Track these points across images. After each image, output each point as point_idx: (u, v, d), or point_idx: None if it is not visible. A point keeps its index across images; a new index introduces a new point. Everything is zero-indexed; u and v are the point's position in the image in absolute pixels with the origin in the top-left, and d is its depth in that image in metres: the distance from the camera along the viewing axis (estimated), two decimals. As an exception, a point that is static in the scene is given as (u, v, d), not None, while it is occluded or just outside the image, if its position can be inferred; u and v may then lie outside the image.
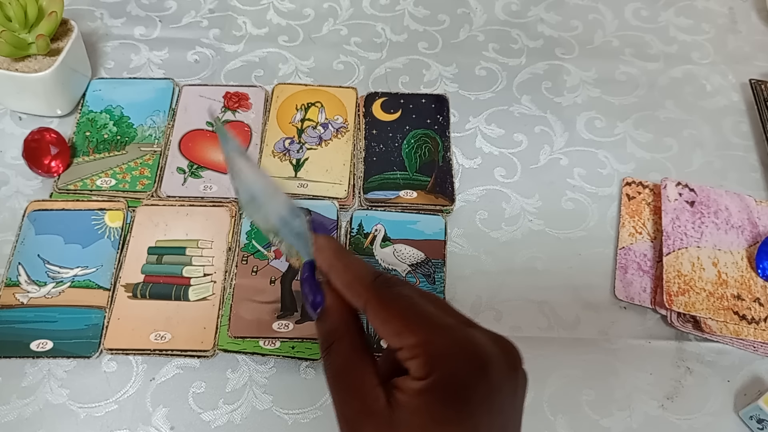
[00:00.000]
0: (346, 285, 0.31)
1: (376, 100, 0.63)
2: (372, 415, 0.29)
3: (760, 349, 0.51)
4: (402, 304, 0.30)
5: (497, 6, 0.73)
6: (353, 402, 0.29)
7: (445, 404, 0.28)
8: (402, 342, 0.29)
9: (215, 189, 0.56)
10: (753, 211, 0.57)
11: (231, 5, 0.71)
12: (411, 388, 0.28)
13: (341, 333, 0.31)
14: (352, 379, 0.30)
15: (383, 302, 0.30)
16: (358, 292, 0.30)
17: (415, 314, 0.29)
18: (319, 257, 0.32)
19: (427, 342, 0.28)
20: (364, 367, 0.30)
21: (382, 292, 0.30)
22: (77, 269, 0.52)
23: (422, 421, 0.28)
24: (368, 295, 0.30)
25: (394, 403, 0.29)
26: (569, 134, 0.63)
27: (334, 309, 0.31)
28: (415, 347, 0.28)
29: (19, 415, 0.47)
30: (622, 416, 0.49)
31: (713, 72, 0.69)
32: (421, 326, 0.29)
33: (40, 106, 0.60)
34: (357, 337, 0.31)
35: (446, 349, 0.28)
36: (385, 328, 0.29)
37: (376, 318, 0.29)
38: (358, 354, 0.30)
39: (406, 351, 0.29)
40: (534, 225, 0.57)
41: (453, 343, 0.29)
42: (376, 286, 0.30)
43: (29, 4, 0.56)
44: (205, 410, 0.47)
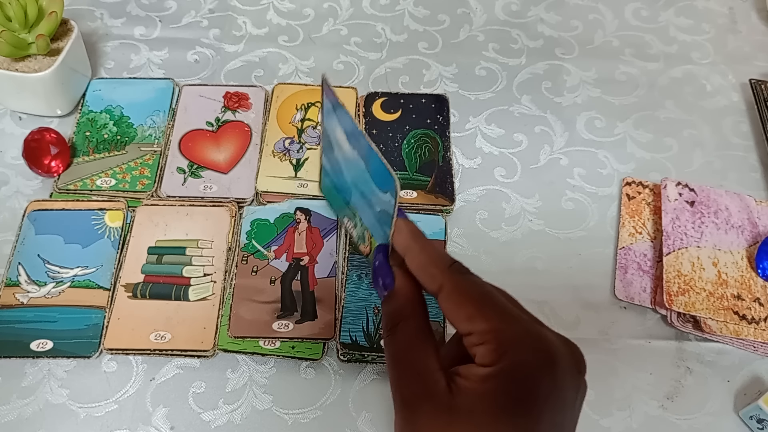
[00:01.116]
0: (421, 266, 0.31)
1: (376, 100, 0.63)
2: (431, 397, 0.28)
3: (760, 349, 0.51)
4: (476, 290, 0.30)
5: (497, 6, 0.73)
6: (413, 383, 0.29)
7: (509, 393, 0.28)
8: (473, 327, 0.29)
9: (215, 189, 0.56)
10: (753, 211, 0.57)
11: (231, 5, 0.71)
12: (476, 374, 0.28)
13: (407, 314, 0.31)
14: (414, 360, 0.30)
15: (458, 286, 0.30)
16: (433, 275, 0.30)
17: (488, 302, 0.29)
18: (397, 237, 0.32)
19: (498, 329, 0.28)
20: (427, 350, 0.30)
21: (457, 277, 0.30)
22: (77, 269, 0.52)
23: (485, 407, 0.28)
24: (443, 279, 0.30)
25: (455, 388, 0.28)
26: (569, 134, 0.63)
27: (403, 291, 0.32)
28: (486, 333, 0.28)
29: (19, 415, 0.47)
30: (622, 416, 0.49)
31: (713, 72, 0.69)
32: (493, 313, 0.29)
33: (40, 106, 0.60)
34: (422, 319, 0.31)
35: (517, 338, 0.28)
36: (457, 312, 0.29)
37: (449, 301, 0.30)
38: (421, 336, 0.30)
39: (475, 336, 0.29)
40: (534, 225, 0.57)
41: (524, 334, 0.29)
42: (452, 270, 0.30)
43: (29, 4, 0.56)
44: (205, 410, 0.47)
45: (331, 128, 0.35)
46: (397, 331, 0.31)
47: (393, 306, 0.32)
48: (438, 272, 0.30)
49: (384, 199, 0.32)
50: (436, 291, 0.30)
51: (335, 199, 0.38)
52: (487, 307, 0.29)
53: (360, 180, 0.34)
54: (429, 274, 0.31)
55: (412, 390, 0.29)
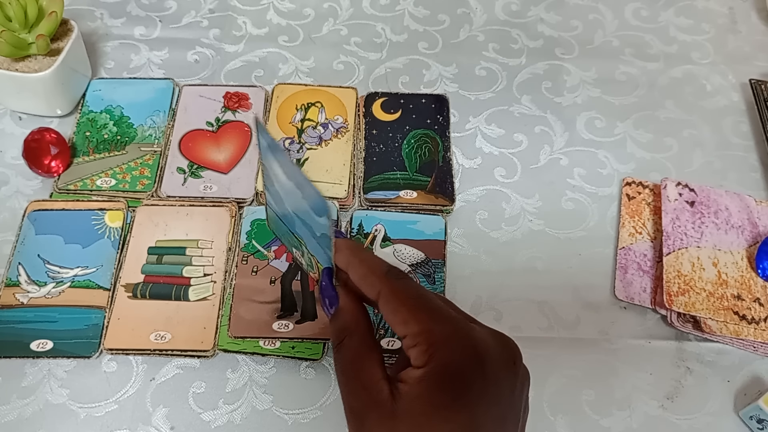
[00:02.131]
0: (361, 277, 0.33)
1: (376, 100, 0.63)
2: (376, 406, 0.30)
3: (760, 349, 0.51)
4: (410, 294, 0.32)
5: (497, 6, 0.73)
6: (359, 394, 0.31)
7: (443, 390, 0.29)
8: (407, 330, 0.30)
9: (215, 189, 0.56)
10: (753, 211, 0.57)
11: (231, 5, 0.71)
12: (412, 377, 0.30)
13: (351, 329, 0.33)
14: (359, 373, 0.31)
15: (394, 292, 0.32)
16: (372, 283, 0.32)
17: (421, 305, 0.31)
18: (338, 256, 0.34)
19: (428, 330, 0.30)
20: (371, 361, 0.32)
21: (393, 283, 0.32)
22: (77, 269, 0.52)
23: (421, 408, 0.29)
24: (381, 285, 0.32)
25: (397, 393, 0.30)
26: (569, 134, 0.63)
27: (346, 308, 0.33)
28: (417, 335, 0.30)
29: (19, 415, 0.47)
30: (622, 416, 0.49)
31: (713, 72, 0.69)
32: (425, 315, 0.31)
33: (40, 106, 0.60)
34: (366, 334, 0.33)
35: (445, 338, 0.30)
36: (393, 317, 0.31)
37: (387, 306, 0.31)
38: (366, 349, 0.32)
39: (409, 339, 0.30)
40: (534, 225, 0.57)
41: (452, 334, 0.30)
42: (389, 276, 0.32)
43: (29, 4, 0.56)
44: (205, 410, 0.47)
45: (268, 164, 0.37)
46: (343, 346, 0.32)
47: (338, 323, 0.33)
48: (376, 280, 0.32)
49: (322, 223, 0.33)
50: (375, 298, 0.32)
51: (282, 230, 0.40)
52: (419, 310, 0.31)
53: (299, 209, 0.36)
54: (369, 283, 0.32)
55: (358, 400, 0.31)
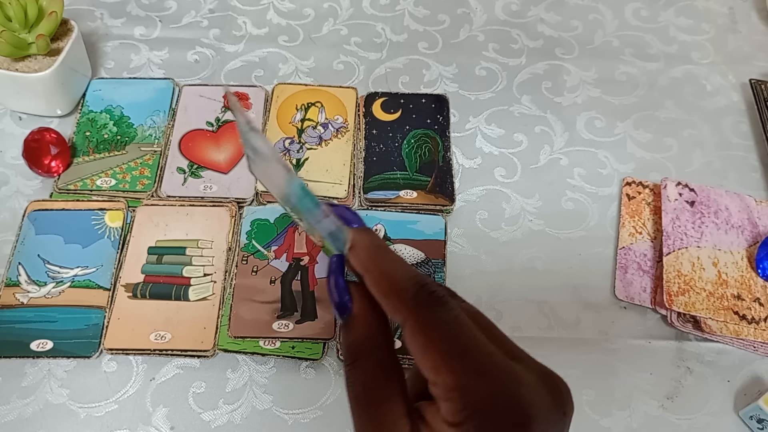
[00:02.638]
0: (382, 295, 0.26)
1: (376, 100, 0.63)
2: None
3: (760, 349, 0.51)
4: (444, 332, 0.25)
5: (497, 6, 0.73)
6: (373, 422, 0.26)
7: None
8: (438, 378, 0.25)
9: (215, 189, 0.56)
10: (753, 211, 0.57)
11: (231, 5, 0.71)
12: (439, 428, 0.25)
13: (368, 349, 0.27)
14: (376, 405, 0.26)
15: (423, 326, 0.25)
16: (396, 306, 0.26)
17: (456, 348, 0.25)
18: (352, 256, 0.27)
19: (465, 387, 0.24)
20: (390, 392, 0.26)
21: (424, 313, 0.25)
22: (77, 269, 0.52)
23: None
24: (407, 314, 0.25)
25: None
26: (569, 134, 0.63)
27: (361, 319, 0.27)
28: (451, 390, 0.24)
29: (19, 415, 0.47)
30: (622, 416, 0.49)
31: (713, 72, 0.69)
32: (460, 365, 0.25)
33: (40, 106, 0.60)
34: (385, 354, 0.27)
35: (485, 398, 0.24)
36: (421, 357, 0.25)
37: (413, 341, 0.25)
38: (384, 375, 0.27)
39: (440, 389, 0.25)
40: (534, 225, 0.57)
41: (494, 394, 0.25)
42: (418, 303, 0.26)
43: (29, 4, 0.56)
44: (205, 410, 0.47)
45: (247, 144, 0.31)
46: (357, 367, 0.27)
47: (351, 337, 0.27)
48: (401, 304, 0.26)
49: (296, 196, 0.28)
50: (400, 323, 0.26)
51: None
52: (454, 357, 0.25)
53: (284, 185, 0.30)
54: (391, 305, 0.26)
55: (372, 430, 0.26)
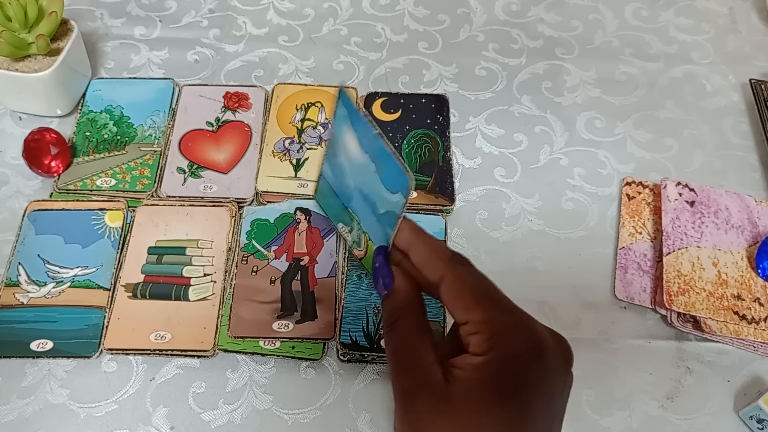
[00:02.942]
0: (425, 258, 0.33)
1: (376, 100, 0.63)
2: (429, 387, 0.30)
3: (760, 349, 0.51)
4: (474, 282, 0.32)
5: (497, 6, 0.73)
6: (411, 374, 0.31)
7: (501, 380, 0.29)
8: (469, 316, 0.30)
9: (215, 189, 0.56)
10: (753, 211, 0.57)
11: (231, 5, 0.71)
12: (469, 363, 0.30)
13: (407, 311, 0.33)
14: (412, 354, 0.31)
15: (458, 278, 0.31)
16: (436, 266, 0.32)
17: (485, 293, 0.31)
18: (400, 235, 0.34)
19: (492, 320, 0.30)
20: (425, 344, 0.31)
21: (458, 269, 0.32)
22: (77, 269, 0.52)
23: (478, 394, 0.29)
24: (445, 270, 0.32)
25: (451, 378, 0.30)
26: (569, 134, 0.63)
27: (402, 289, 0.33)
28: (481, 323, 0.30)
29: (19, 415, 0.47)
30: (622, 416, 0.49)
31: (713, 72, 0.69)
32: (489, 304, 0.31)
33: (40, 106, 0.60)
34: (420, 316, 0.33)
35: (509, 329, 0.30)
36: (456, 302, 0.31)
37: (450, 291, 0.31)
38: (420, 331, 0.32)
39: (471, 325, 0.30)
40: (534, 225, 0.57)
41: (516, 325, 0.30)
42: (453, 262, 0.32)
43: (29, 4, 0.56)
44: (205, 410, 0.47)
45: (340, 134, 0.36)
46: (396, 326, 0.32)
47: (392, 304, 0.33)
48: (440, 264, 0.32)
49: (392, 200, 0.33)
50: (437, 282, 0.32)
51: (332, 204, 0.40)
52: (483, 298, 0.31)
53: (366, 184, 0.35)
54: (432, 266, 0.32)
55: (410, 381, 0.31)
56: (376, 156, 0.34)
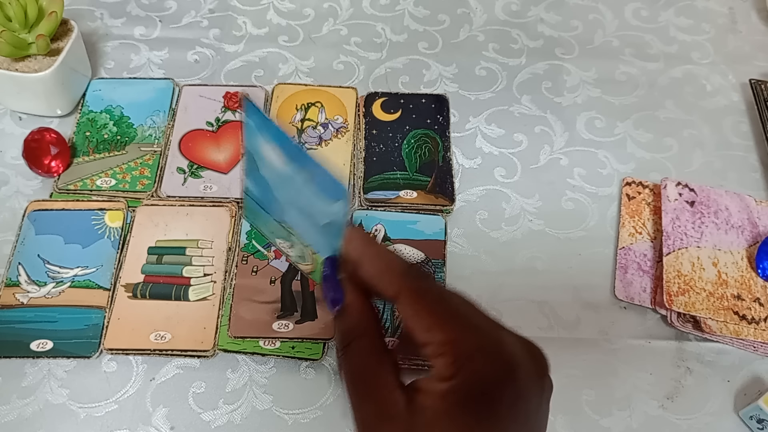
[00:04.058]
0: (378, 272, 0.30)
1: (376, 100, 0.63)
2: (390, 419, 0.27)
3: (760, 349, 0.51)
4: (434, 297, 0.29)
5: (497, 6, 0.73)
6: (370, 405, 0.28)
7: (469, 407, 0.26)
8: (431, 338, 0.28)
9: (215, 189, 0.56)
10: (753, 211, 0.57)
11: (231, 5, 0.71)
12: (434, 390, 0.27)
13: (360, 331, 0.30)
14: (370, 381, 0.29)
15: (415, 294, 0.29)
16: (391, 281, 0.29)
17: (446, 310, 0.28)
18: (349, 245, 0.30)
19: (455, 340, 0.27)
20: (383, 369, 0.29)
21: (416, 283, 0.29)
22: (77, 269, 0.52)
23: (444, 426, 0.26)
24: (401, 285, 0.29)
25: (414, 407, 0.27)
26: (569, 134, 0.63)
27: (354, 305, 0.30)
28: (443, 344, 0.27)
29: (19, 415, 0.47)
30: (622, 416, 0.49)
31: (713, 72, 0.69)
32: (451, 323, 0.28)
33: (40, 106, 0.60)
34: (376, 337, 0.30)
35: (474, 349, 0.27)
36: (414, 321, 0.28)
37: (408, 309, 0.28)
38: (377, 354, 0.29)
39: (433, 347, 0.27)
40: (534, 225, 0.57)
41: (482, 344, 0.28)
42: (409, 277, 0.29)
43: (29, 4, 0.56)
44: (205, 410, 0.47)
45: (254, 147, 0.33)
46: (351, 350, 0.29)
47: (345, 323, 0.30)
48: (396, 278, 0.29)
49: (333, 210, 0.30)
50: (393, 297, 0.29)
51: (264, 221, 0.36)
52: (444, 317, 0.28)
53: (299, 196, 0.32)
54: (386, 281, 0.29)
55: (370, 412, 0.28)
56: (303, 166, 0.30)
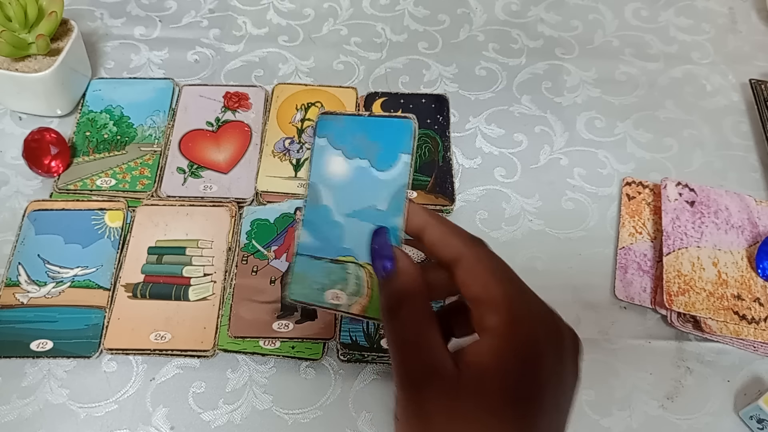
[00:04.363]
0: (441, 236, 0.31)
1: (376, 100, 0.63)
2: (439, 375, 0.28)
3: (760, 349, 0.51)
4: (494, 262, 0.31)
5: (497, 6, 0.73)
6: (419, 362, 0.29)
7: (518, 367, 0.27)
8: (488, 294, 0.29)
9: (215, 189, 0.56)
10: (753, 211, 0.57)
11: (231, 5, 0.71)
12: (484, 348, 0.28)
13: (413, 294, 0.30)
14: (420, 341, 0.29)
15: (476, 256, 0.30)
16: (453, 245, 0.31)
17: (504, 273, 0.30)
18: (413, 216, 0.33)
19: (512, 300, 0.29)
20: (432, 330, 0.29)
21: (475, 248, 0.31)
22: (77, 269, 0.52)
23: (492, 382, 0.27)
24: (464, 248, 0.31)
25: (463, 364, 0.28)
26: (569, 134, 0.63)
27: (407, 270, 0.31)
28: (499, 302, 0.28)
29: (19, 415, 0.47)
30: (622, 416, 0.49)
31: (713, 72, 0.69)
32: (508, 284, 0.29)
33: (40, 106, 0.60)
34: (427, 300, 0.31)
35: (529, 309, 0.29)
36: (473, 280, 0.30)
37: (466, 269, 0.30)
38: (427, 316, 0.30)
39: (488, 305, 0.29)
40: (534, 225, 0.57)
41: (537, 308, 0.29)
42: (471, 241, 0.31)
43: (29, 4, 0.56)
44: (205, 410, 0.47)
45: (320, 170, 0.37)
46: (402, 310, 0.30)
47: (396, 286, 0.31)
48: (459, 242, 0.31)
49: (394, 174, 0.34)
50: (454, 260, 0.30)
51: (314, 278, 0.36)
52: (502, 278, 0.30)
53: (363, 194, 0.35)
54: (449, 245, 0.31)
55: (419, 368, 0.29)
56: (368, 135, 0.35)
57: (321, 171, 0.37)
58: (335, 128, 0.37)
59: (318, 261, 0.36)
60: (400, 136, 0.35)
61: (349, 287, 0.34)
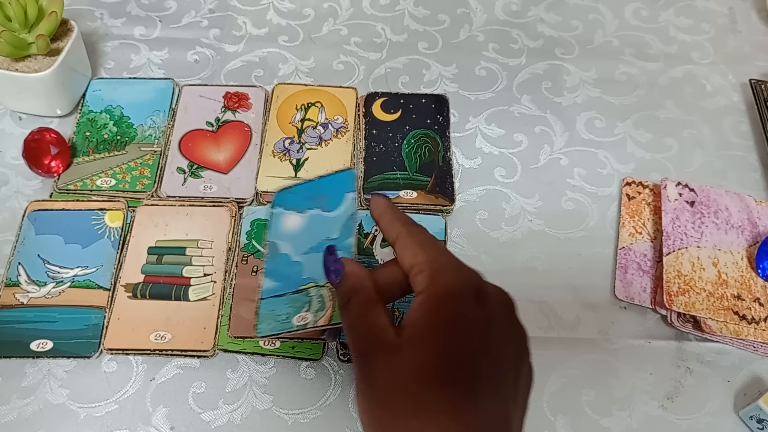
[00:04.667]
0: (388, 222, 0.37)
1: (376, 100, 0.63)
2: (382, 345, 0.32)
3: (760, 349, 0.51)
4: (423, 236, 0.36)
5: (497, 6, 0.73)
6: (367, 337, 0.33)
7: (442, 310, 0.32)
8: (415, 260, 0.34)
9: (215, 189, 0.56)
10: (753, 211, 0.57)
11: (231, 5, 0.71)
12: (414, 306, 0.33)
13: (359, 288, 0.35)
14: (366, 321, 0.34)
15: (410, 233, 0.36)
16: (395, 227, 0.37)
17: (430, 242, 0.35)
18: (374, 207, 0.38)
19: (434, 259, 0.34)
20: (377, 312, 0.34)
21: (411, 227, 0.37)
22: (77, 269, 0.52)
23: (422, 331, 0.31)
24: (402, 228, 0.36)
25: (400, 330, 0.32)
26: (569, 134, 0.63)
27: (353, 272, 0.36)
28: (423, 263, 0.34)
29: (19, 415, 0.47)
30: (622, 416, 0.49)
31: (713, 72, 0.69)
32: (432, 249, 0.35)
33: (40, 106, 0.60)
34: (371, 291, 0.35)
35: (448, 266, 0.34)
36: (405, 251, 0.35)
37: (402, 243, 0.36)
38: (372, 302, 0.35)
39: (416, 268, 0.34)
40: (534, 225, 0.57)
41: (454, 264, 0.34)
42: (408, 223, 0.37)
43: (29, 4, 0.56)
44: (205, 410, 0.47)
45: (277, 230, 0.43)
46: (351, 302, 0.35)
47: (346, 285, 0.36)
48: (398, 224, 0.37)
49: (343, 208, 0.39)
50: (395, 239, 0.36)
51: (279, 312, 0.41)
52: (428, 245, 0.35)
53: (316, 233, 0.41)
54: (392, 228, 0.37)
55: (366, 343, 0.33)
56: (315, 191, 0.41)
57: (278, 230, 0.43)
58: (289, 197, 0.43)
59: (281, 297, 0.41)
60: (344, 183, 0.41)
61: (314, 306, 0.39)
